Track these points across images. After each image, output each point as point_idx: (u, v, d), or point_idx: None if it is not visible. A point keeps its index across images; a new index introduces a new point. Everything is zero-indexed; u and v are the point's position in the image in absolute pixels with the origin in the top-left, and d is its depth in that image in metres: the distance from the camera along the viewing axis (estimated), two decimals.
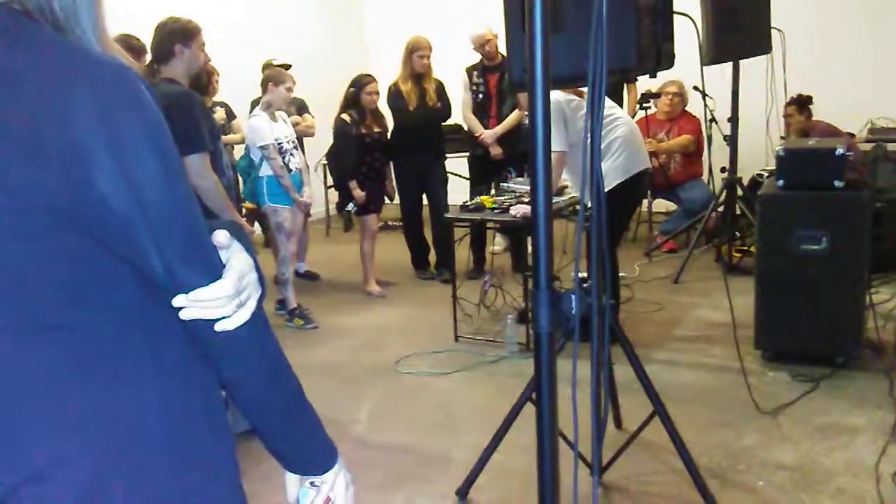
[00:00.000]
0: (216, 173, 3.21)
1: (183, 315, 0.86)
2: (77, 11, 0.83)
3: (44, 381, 0.83)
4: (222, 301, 0.86)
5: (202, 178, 3.08)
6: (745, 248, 5.38)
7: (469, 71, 5.66)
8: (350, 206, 5.36)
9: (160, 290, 0.85)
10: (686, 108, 6.24)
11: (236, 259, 0.89)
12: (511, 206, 4.34)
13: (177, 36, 3.26)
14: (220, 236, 0.88)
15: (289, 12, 7.82)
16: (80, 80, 0.77)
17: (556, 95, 3.75)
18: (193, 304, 0.85)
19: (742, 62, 4.88)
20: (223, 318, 0.87)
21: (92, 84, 0.77)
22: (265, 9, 7.51)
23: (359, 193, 5.27)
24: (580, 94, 3.92)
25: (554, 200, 4.39)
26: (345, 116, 5.29)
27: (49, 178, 0.76)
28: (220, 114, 5.60)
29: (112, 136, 0.77)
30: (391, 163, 5.60)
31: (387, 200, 5.74)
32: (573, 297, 1.46)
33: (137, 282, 0.84)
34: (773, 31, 4.75)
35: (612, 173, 3.89)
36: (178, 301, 0.85)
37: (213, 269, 0.87)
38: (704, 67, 4.06)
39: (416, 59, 5.43)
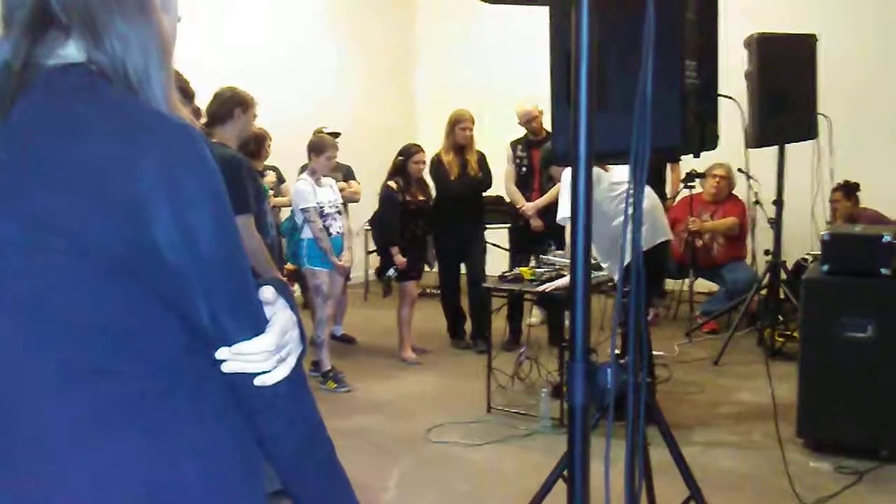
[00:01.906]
0: (260, 234, 3.31)
1: (224, 368, 0.88)
2: (148, 73, 0.88)
3: (85, 425, 0.85)
4: (264, 356, 0.88)
5: (247, 238, 3.16)
6: (789, 332, 5.26)
7: (514, 144, 5.76)
8: (391, 272, 5.41)
9: (205, 341, 0.87)
10: (733, 192, 6.22)
11: (280, 315, 0.92)
12: (550, 279, 4.34)
13: (237, 102, 3.46)
14: (267, 292, 0.91)
15: (343, 81, 8.08)
16: (147, 135, 0.82)
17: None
18: (236, 358, 0.87)
19: (788, 146, 4.88)
20: (263, 372, 0.89)
21: (157, 139, 0.82)
22: (320, 77, 7.76)
23: (400, 259, 5.33)
24: (601, 167, 3.97)
25: (595, 275, 4.45)
26: (391, 183, 5.41)
27: (108, 226, 0.80)
28: (270, 177, 5.75)
29: (172, 189, 0.80)
30: (432, 231, 5.68)
31: (426, 268, 5.79)
32: (609, 371, 1.45)
33: (184, 332, 0.87)
34: (819, 116, 4.76)
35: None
36: (221, 353, 0.87)
37: (257, 324, 0.89)
38: (752, 150, 4.11)
39: (459, 130, 5.57)
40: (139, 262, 0.81)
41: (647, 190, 4.28)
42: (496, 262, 6.13)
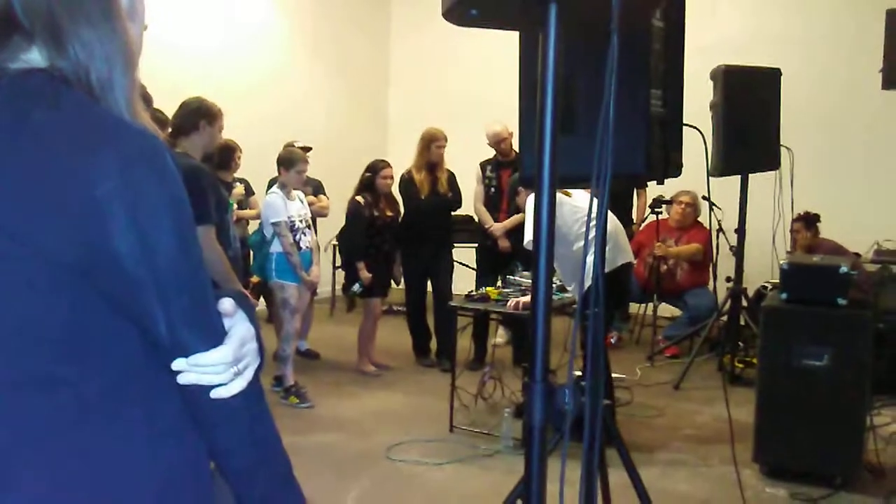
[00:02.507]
0: (222, 245, 3.28)
1: (181, 379, 0.87)
2: (112, 81, 0.87)
3: (35, 433, 0.84)
4: (221, 367, 0.88)
5: (207, 249, 3.13)
6: (749, 358, 5.34)
7: (483, 165, 5.80)
8: (356, 287, 5.39)
9: (161, 352, 0.87)
10: (698, 219, 6.33)
11: (239, 327, 0.92)
12: (515, 297, 4.36)
13: (203, 113, 3.43)
14: (226, 304, 0.91)
15: (316, 96, 8.09)
16: (108, 143, 0.81)
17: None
18: (192, 369, 0.87)
19: (751, 176, 4.98)
20: (220, 385, 0.89)
21: (118, 146, 0.82)
22: (293, 92, 7.76)
23: (366, 274, 5.32)
24: (564, 192, 4.03)
25: (559, 296, 4.49)
26: (359, 198, 5.41)
27: (66, 233, 0.79)
28: (239, 189, 5.72)
29: (133, 197, 0.80)
30: (399, 248, 5.69)
31: (393, 285, 5.79)
32: (567, 392, 1.46)
33: (139, 342, 0.86)
34: (782, 148, 4.87)
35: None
36: (177, 364, 0.86)
37: (215, 335, 0.89)
38: (716, 179, 4.18)
39: (435, 149, 5.59)
40: (97, 269, 0.81)
41: (610, 214, 4.36)
42: (463, 281, 6.15)
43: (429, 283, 5.80)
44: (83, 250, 0.80)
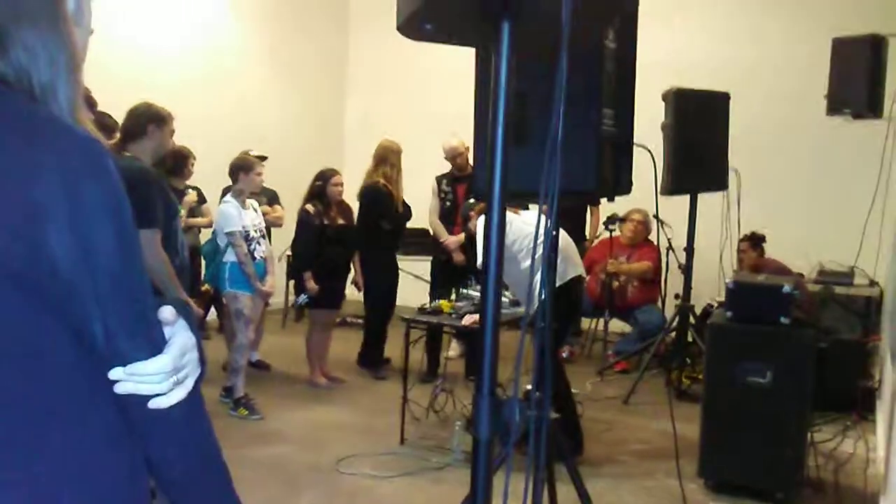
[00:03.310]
0: (169, 252, 3.22)
1: (118, 389, 0.85)
2: (55, 86, 0.86)
3: None
4: (160, 377, 0.87)
5: (151, 255, 3.08)
6: (695, 374, 5.44)
7: (439, 179, 5.83)
8: (302, 298, 5.32)
9: (98, 360, 0.85)
10: (649, 237, 6.44)
11: (179, 336, 0.90)
12: (469, 312, 4.38)
13: (152, 117, 3.38)
14: (166, 312, 0.90)
15: (270, 105, 8.03)
16: (47, 146, 0.80)
17: None
18: (130, 378, 0.85)
19: (700, 196, 5.09)
20: (158, 395, 0.87)
21: (58, 150, 0.80)
22: (247, 99, 7.70)
23: (312, 285, 5.26)
24: (514, 211, 4.08)
25: (511, 311, 4.51)
26: (308, 207, 5.35)
27: (4, 236, 0.77)
28: (191, 196, 5.64)
29: (72, 201, 0.79)
30: (357, 257, 5.65)
31: (350, 295, 5.75)
32: (515, 405, 1.47)
33: (74, 349, 0.84)
34: (730, 169, 5.00)
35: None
36: (114, 374, 0.85)
37: (154, 344, 0.87)
38: (666, 198, 4.27)
39: (397, 160, 5.63)
40: (33, 274, 0.79)
41: (560, 231, 4.41)
42: (417, 293, 6.15)
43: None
44: (19, 253, 0.78)
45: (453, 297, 4.88)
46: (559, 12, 1.27)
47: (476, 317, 4.21)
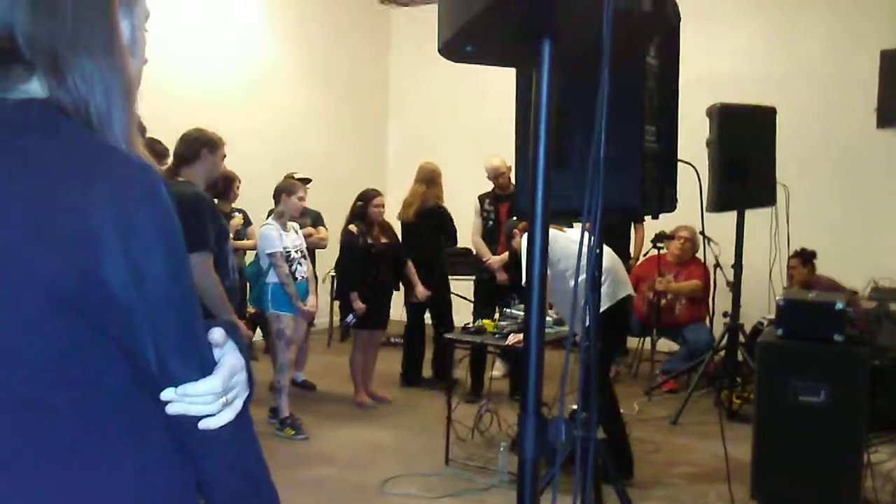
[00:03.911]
0: (220, 275, 3.29)
1: (169, 409, 0.87)
2: (111, 115, 0.88)
3: (20, 460, 0.84)
4: (210, 398, 0.88)
5: (202, 277, 3.14)
6: (746, 394, 5.32)
7: (481, 198, 5.84)
8: (349, 318, 5.35)
9: (150, 381, 0.87)
10: (696, 255, 6.35)
11: (228, 358, 0.92)
12: (512, 331, 4.36)
13: (205, 143, 3.47)
14: (216, 334, 0.91)
15: (313, 127, 8.15)
16: (103, 173, 0.82)
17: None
18: (181, 399, 0.87)
19: (747, 212, 5.01)
20: (208, 415, 0.89)
21: (113, 177, 0.83)
22: (291, 122, 7.83)
23: (359, 305, 5.29)
24: (559, 228, 4.06)
25: (555, 329, 4.48)
26: (352, 227, 5.41)
27: (58, 261, 0.80)
28: (237, 219, 5.74)
29: (125, 227, 0.81)
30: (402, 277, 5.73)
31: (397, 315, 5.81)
32: (562, 425, 1.46)
33: (128, 371, 0.86)
34: (778, 184, 4.91)
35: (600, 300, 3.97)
36: (166, 395, 0.86)
37: (204, 366, 0.89)
38: (713, 215, 4.21)
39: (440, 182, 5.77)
40: (87, 299, 0.81)
41: (606, 248, 4.37)
42: (460, 313, 6.15)
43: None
44: (75, 279, 0.80)
45: (497, 316, 4.87)
46: (600, 31, 1.27)
47: (520, 336, 4.18)
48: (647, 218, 5.17)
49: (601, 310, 3.96)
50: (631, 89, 2.14)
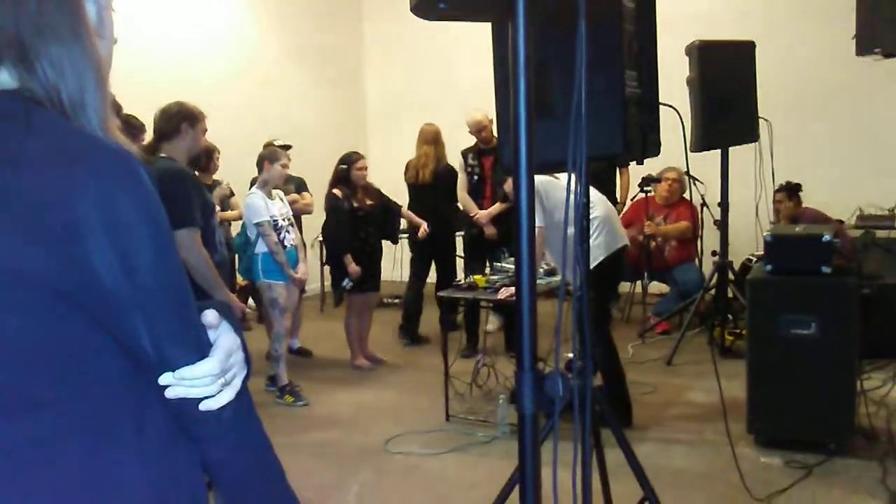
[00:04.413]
0: (208, 249, 3.26)
1: (168, 393, 0.87)
2: (84, 100, 0.87)
3: (23, 455, 0.84)
4: (208, 380, 0.88)
5: (191, 253, 3.12)
6: (738, 331, 5.39)
7: (465, 153, 5.81)
8: (346, 283, 5.35)
9: (147, 368, 0.87)
10: (684, 195, 6.36)
11: (224, 339, 0.92)
12: (504, 285, 4.38)
13: (185, 117, 3.40)
14: (210, 316, 0.91)
15: (290, 93, 8.04)
16: (82, 164, 0.81)
17: (537, 177, 3.86)
18: (179, 383, 0.87)
19: (731, 150, 5.00)
20: (208, 397, 0.89)
21: (93, 167, 0.81)
22: (267, 89, 7.72)
23: (354, 267, 5.29)
24: (554, 176, 4.04)
25: (546, 280, 4.50)
26: (336, 191, 5.38)
27: (45, 256, 0.79)
28: (223, 189, 5.66)
29: (110, 217, 0.80)
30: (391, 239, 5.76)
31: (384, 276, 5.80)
32: (559, 379, 1.47)
33: (125, 359, 0.86)
34: (760, 120, 4.90)
35: (595, 251, 3.98)
36: (164, 379, 0.86)
37: (200, 348, 0.89)
38: (697, 154, 4.20)
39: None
40: (78, 290, 0.81)
41: (602, 197, 4.36)
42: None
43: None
44: (63, 271, 0.79)
45: (487, 270, 4.88)
46: None
47: (512, 289, 4.20)
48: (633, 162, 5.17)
49: (598, 261, 3.99)
50: (609, 35, 2.11)
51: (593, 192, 4.44)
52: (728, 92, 4.67)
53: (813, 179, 5.97)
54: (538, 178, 3.95)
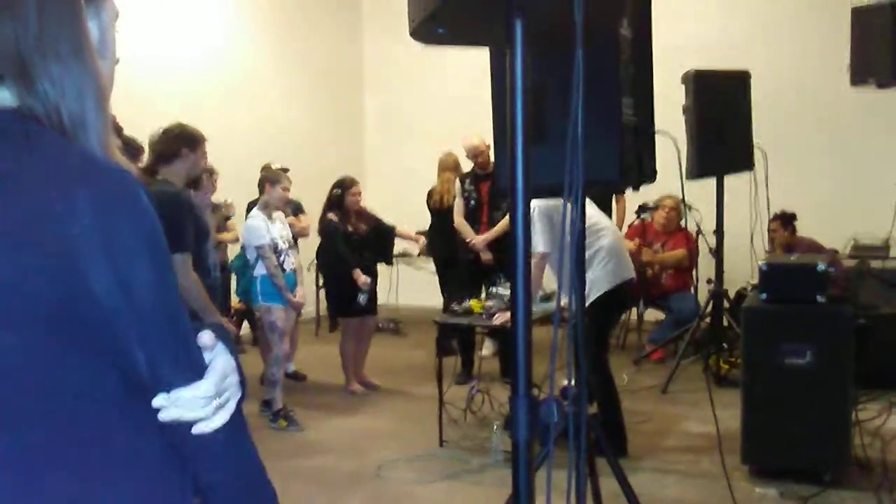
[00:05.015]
0: (201, 273, 3.25)
1: (162, 416, 0.86)
2: (84, 119, 0.87)
3: (16, 477, 0.83)
4: (202, 402, 0.87)
5: (182, 277, 3.10)
6: (733, 359, 5.38)
7: (462, 178, 5.82)
8: (361, 297, 5.29)
9: (142, 389, 0.86)
10: (681, 224, 6.38)
11: (219, 360, 0.91)
12: (500, 310, 4.37)
13: (185, 140, 3.39)
14: (205, 337, 0.90)
15: (289, 116, 8.08)
16: (82, 183, 0.81)
17: (545, 201, 3.86)
18: (173, 405, 0.86)
19: (727, 178, 5.03)
20: (202, 419, 0.88)
21: (92, 187, 0.81)
22: (266, 112, 7.75)
23: (363, 278, 5.24)
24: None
25: (542, 307, 4.49)
26: (331, 216, 5.38)
27: (44, 274, 0.78)
28: (224, 211, 5.64)
29: (108, 236, 0.80)
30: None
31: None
32: (553, 405, 1.46)
33: (119, 381, 0.85)
34: (755, 148, 4.94)
35: (601, 281, 3.96)
36: (157, 401, 0.85)
37: (195, 370, 0.88)
38: (693, 182, 4.22)
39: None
40: (76, 309, 0.80)
41: (613, 227, 4.37)
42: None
43: None
44: (61, 289, 0.79)
45: (483, 296, 4.88)
46: (570, 7, 1.26)
47: (507, 315, 4.18)
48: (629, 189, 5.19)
49: (603, 291, 3.97)
50: (606, 63, 2.13)
51: (604, 219, 4.45)
52: (723, 120, 4.72)
53: (808, 209, 6.00)
54: (546, 203, 3.98)
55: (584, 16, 1.27)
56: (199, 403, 0.87)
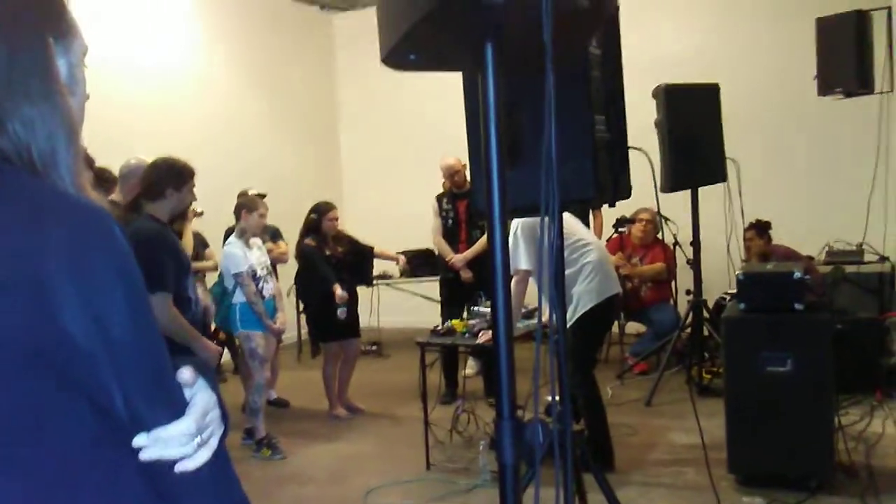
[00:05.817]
0: (182, 307, 3.19)
1: (143, 455, 0.84)
2: (55, 157, 0.86)
3: None
4: (184, 439, 0.86)
5: (163, 317, 3.02)
6: (715, 369, 5.41)
7: (439, 198, 5.84)
8: (339, 311, 5.26)
9: (121, 428, 0.84)
10: (658, 236, 6.43)
11: (200, 397, 0.90)
12: (482, 329, 4.37)
13: (171, 180, 3.30)
14: (186, 374, 0.89)
15: (263, 142, 8.06)
16: (53, 219, 0.80)
17: (528, 219, 3.87)
18: (154, 444, 0.85)
19: (701, 190, 5.09)
20: (184, 457, 0.87)
21: (65, 224, 0.80)
22: (240, 138, 7.73)
23: (341, 293, 5.20)
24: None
25: (525, 323, 4.49)
26: (309, 241, 5.37)
27: (19, 313, 0.77)
28: (192, 239, 5.58)
29: (81, 274, 0.79)
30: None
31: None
32: (538, 427, 1.46)
33: (97, 419, 0.84)
34: (728, 160, 5.00)
35: (586, 297, 3.97)
36: (138, 441, 0.84)
37: (176, 407, 0.87)
38: (668, 195, 4.26)
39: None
40: (51, 348, 0.79)
41: (598, 243, 4.39)
42: (428, 314, 6.14)
43: None
44: (36, 328, 0.78)
45: (465, 315, 4.87)
46: (540, 30, 1.28)
47: (490, 333, 4.18)
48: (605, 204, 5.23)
49: (589, 307, 3.98)
50: (577, 82, 2.16)
51: (589, 235, 4.48)
52: (695, 133, 4.78)
53: (782, 217, 6.08)
54: (529, 221, 3.99)
55: (554, 38, 1.28)
56: (180, 441, 0.86)
